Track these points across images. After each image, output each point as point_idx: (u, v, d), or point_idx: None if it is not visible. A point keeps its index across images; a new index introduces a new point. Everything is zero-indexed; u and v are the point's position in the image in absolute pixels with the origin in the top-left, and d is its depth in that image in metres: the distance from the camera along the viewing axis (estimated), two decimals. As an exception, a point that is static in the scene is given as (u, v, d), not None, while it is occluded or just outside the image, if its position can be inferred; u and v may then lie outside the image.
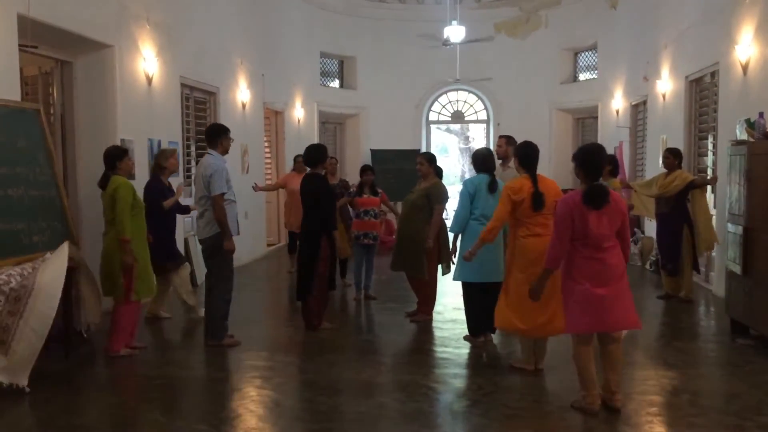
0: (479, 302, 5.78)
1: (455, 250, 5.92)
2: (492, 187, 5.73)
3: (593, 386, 4.29)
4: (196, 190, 5.97)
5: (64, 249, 5.20)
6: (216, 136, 5.96)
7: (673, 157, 7.69)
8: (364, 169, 7.97)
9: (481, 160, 5.91)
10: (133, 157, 7.36)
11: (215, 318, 5.92)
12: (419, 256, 6.60)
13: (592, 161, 4.28)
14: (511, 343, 5.81)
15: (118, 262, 5.46)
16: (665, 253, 7.78)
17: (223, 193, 5.69)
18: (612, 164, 7.09)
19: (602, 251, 4.20)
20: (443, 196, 6.71)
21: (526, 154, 5.15)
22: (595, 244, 4.19)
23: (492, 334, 5.98)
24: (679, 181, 7.47)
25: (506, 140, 6.93)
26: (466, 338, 6.06)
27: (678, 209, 7.54)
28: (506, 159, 6.73)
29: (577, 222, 4.17)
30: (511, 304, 5.06)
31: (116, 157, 5.67)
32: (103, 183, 5.67)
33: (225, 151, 6.03)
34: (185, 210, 7.08)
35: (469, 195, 5.76)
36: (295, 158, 9.83)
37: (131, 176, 5.94)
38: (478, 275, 5.68)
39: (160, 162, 6.78)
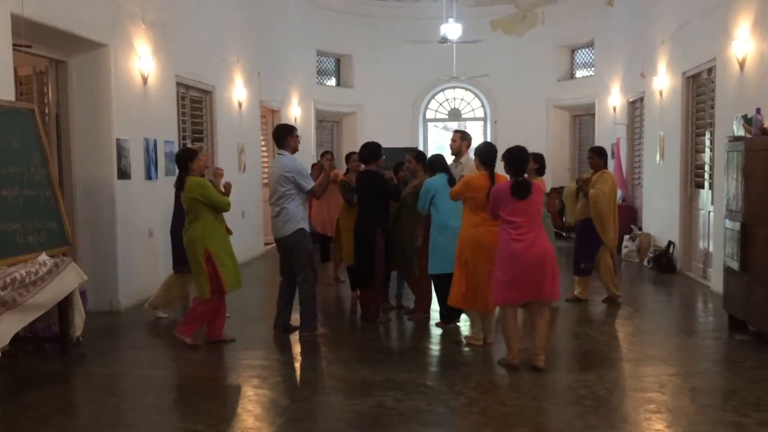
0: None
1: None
2: (451, 181, 6.21)
3: (515, 346, 5.13)
4: (271, 191, 6.12)
5: (74, 276, 5.42)
6: (283, 137, 6.14)
7: (597, 157, 7.51)
8: (400, 166, 7.47)
9: (436, 164, 6.48)
10: (129, 156, 7.36)
11: (309, 311, 6.12)
12: (409, 255, 6.61)
13: (516, 161, 5.18)
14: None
15: (198, 257, 5.67)
16: (583, 255, 7.41)
17: (313, 187, 6.09)
18: (539, 163, 7.02)
19: (530, 232, 5.00)
20: None
21: (486, 153, 5.67)
22: (523, 226, 4.99)
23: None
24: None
25: (460, 135, 7.03)
26: (438, 325, 6.44)
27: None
28: (459, 155, 6.83)
29: (506, 207, 5.04)
30: (477, 288, 5.55)
31: (188, 159, 5.84)
32: (180, 185, 5.86)
33: (294, 150, 6.19)
34: None
35: (428, 192, 6.25)
36: (322, 155, 9.51)
37: (201, 176, 6.04)
38: (450, 266, 5.93)
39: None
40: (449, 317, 6.44)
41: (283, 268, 6.34)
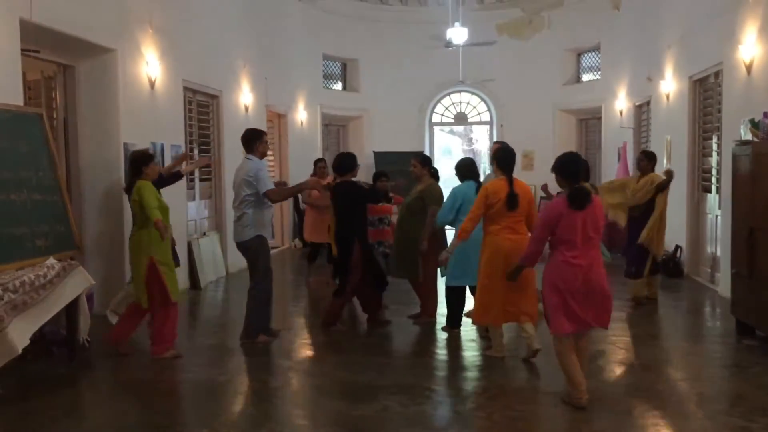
0: (463, 301, 6.35)
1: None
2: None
3: (581, 381, 4.42)
4: (234, 195, 6.08)
5: (79, 280, 5.40)
6: (252, 141, 6.09)
7: (647, 160, 7.56)
8: (379, 176, 7.65)
9: (465, 168, 6.34)
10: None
11: (254, 317, 6.05)
12: (414, 259, 6.61)
13: (570, 168, 4.54)
14: (519, 347, 5.79)
15: (142, 265, 5.53)
16: (633, 257, 7.47)
17: (272, 189, 5.96)
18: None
19: (585, 256, 4.41)
20: (438, 198, 6.69)
21: (504, 158, 5.53)
22: (578, 247, 4.39)
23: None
24: (645, 191, 7.29)
25: (500, 146, 6.92)
26: (444, 329, 6.46)
27: (649, 214, 7.34)
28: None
29: (562, 224, 4.40)
30: (492, 299, 5.38)
31: (142, 162, 5.70)
32: (129, 188, 5.72)
33: (263, 155, 6.15)
34: (178, 176, 6.97)
35: (454, 202, 6.11)
36: (316, 162, 9.52)
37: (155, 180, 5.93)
38: (470, 279, 5.89)
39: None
40: (456, 322, 6.44)
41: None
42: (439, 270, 6.76)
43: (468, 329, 6.48)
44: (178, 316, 5.85)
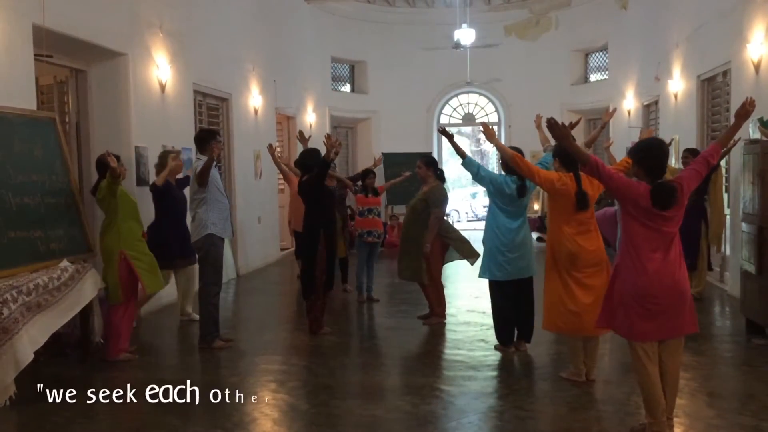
0: (510, 305, 5.58)
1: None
2: (521, 191, 5.50)
3: (660, 412, 3.80)
4: (190, 198, 6.15)
5: (94, 282, 5.47)
6: (206, 142, 6.05)
7: (692, 157, 7.61)
8: (367, 173, 8.32)
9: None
10: (147, 163, 7.45)
11: (206, 322, 6.06)
12: (418, 260, 6.62)
13: (651, 159, 3.81)
14: (531, 348, 5.80)
15: (114, 261, 5.58)
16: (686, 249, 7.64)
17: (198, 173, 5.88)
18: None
19: (667, 247, 3.79)
20: (441, 200, 6.69)
21: (565, 153, 4.68)
22: (662, 245, 3.78)
23: (527, 344, 5.75)
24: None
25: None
26: (496, 348, 5.83)
27: (696, 205, 7.40)
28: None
29: (639, 213, 3.75)
30: (559, 305, 4.83)
31: (107, 165, 5.64)
32: (95, 190, 5.78)
33: (216, 155, 6.12)
34: (186, 181, 6.99)
35: (503, 184, 5.53)
36: None
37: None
38: (506, 273, 5.49)
39: (165, 163, 6.77)
40: (509, 338, 5.76)
41: None
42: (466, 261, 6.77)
43: (476, 329, 6.50)
44: (134, 315, 5.92)
